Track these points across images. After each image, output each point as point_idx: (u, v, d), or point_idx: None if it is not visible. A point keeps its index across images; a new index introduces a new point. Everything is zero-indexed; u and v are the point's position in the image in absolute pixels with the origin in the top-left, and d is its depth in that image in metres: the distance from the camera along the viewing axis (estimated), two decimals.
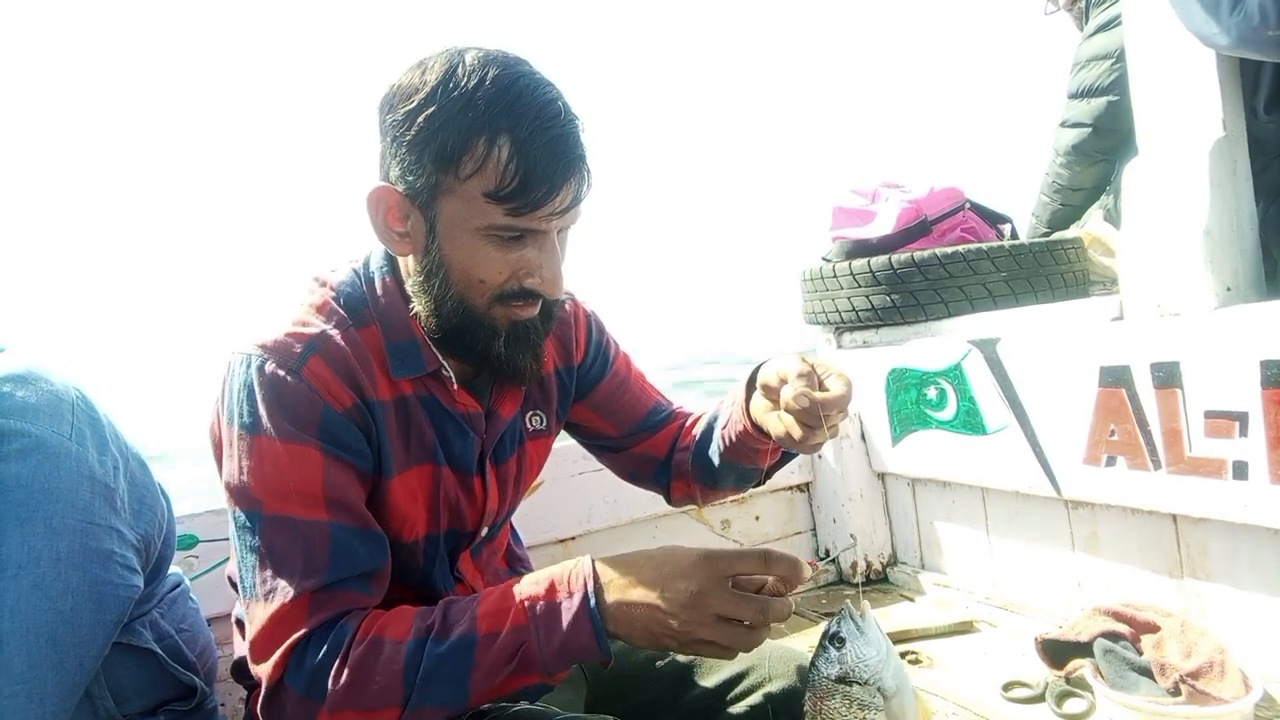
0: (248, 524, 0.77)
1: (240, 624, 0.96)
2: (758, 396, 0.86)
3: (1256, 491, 1.10)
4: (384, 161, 0.80)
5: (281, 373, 0.78)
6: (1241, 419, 1.11)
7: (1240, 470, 1.12)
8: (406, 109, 0.76)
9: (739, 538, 1.83)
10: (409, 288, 0.84)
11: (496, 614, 0.73)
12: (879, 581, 1.83)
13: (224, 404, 0.80)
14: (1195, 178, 1.25)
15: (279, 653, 0.73)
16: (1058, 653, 1.24)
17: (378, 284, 0.86)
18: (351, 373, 0.81)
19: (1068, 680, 1.22)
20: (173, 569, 1.07)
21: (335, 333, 0.82)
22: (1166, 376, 1.19)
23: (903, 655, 1.43)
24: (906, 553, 1.83)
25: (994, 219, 2.03)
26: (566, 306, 1.01)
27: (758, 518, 1.86)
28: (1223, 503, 1.15)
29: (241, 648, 0.96)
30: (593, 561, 0.75)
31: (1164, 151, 1.30)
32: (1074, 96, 2.11)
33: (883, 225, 1.90)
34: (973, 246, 1.74)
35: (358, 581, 0.78)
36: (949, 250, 1.71)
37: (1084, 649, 1.20)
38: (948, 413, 1.59)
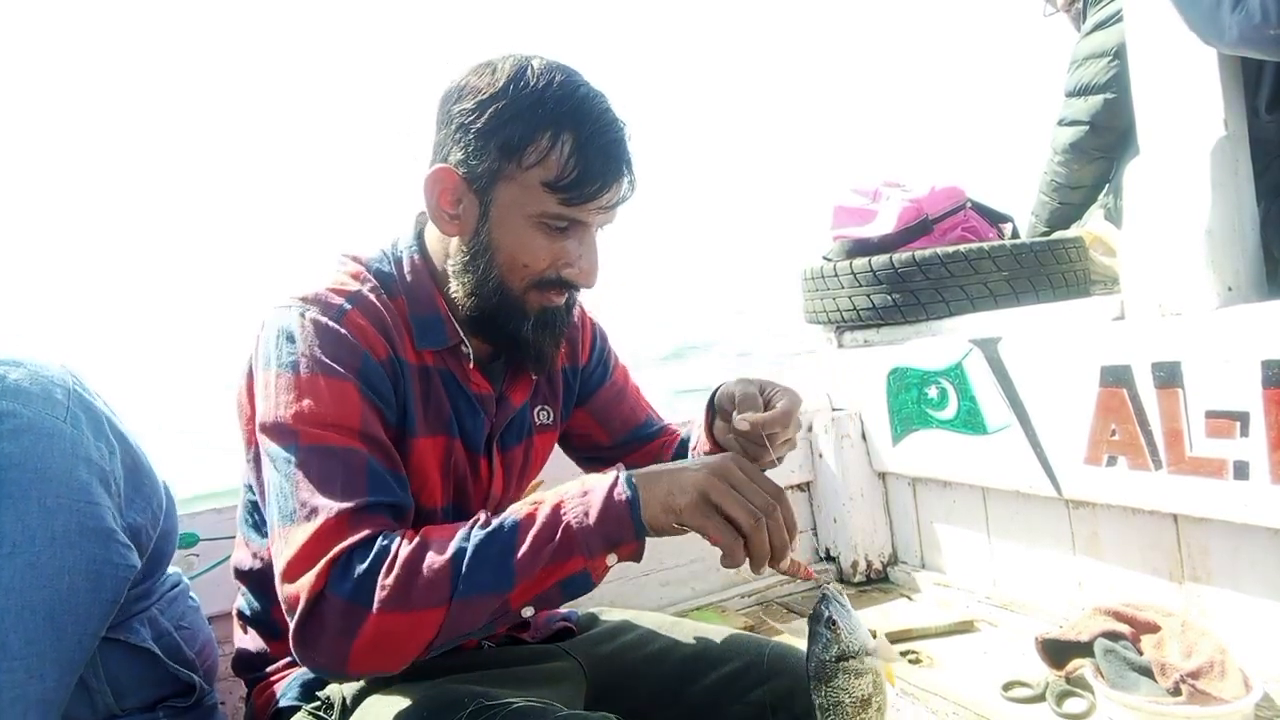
0: (285, 455, 0.77)
1: (243, 616, 0.97)
2: (718, 419, 0.92)
3: (1257, 491, 1.10)
4: (443, 148, 0.85)
5: (324, 319, 0.82)
6: (1242, 419, 1.11)
7: (1241, 470, 1.12)
8: (477, 100, 0.82)
9: None
10: (449, 266, 0.88)
11: (535, 504, 0.77)
12: (879, 581, 1.83)
13: (259, 354, 0.83)
14: (1196, 177, 1.25)
15: (321, 564, 0.72)
16: (1058, 652, 1.24)
17: (405, 262, 0.91)
18: (386, 329, 0.85)
19: (1068, 680, 1.22)
20: (172, 568, 1.07)
21: (370, 294, 0.87)
22: (1167, 376, 1.19)
23: (903, 654, 1.43)
24: (907, 552, 1.83)
25: (995, 218, 2.03)
26: (575, 311, 1.03)
27: None
28: (1223, 503, 1.15)
29: (243, 641, 0.97)
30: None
31: (1165, 151, 1.30)
32: (1071, 94, 2.11)
33: (884, 224, 1.90)
34: (974, 246, 1.74)
35: (391, 510, 0.79)
36: (950, 249, 1.71)
37: (1084, 649, 1.20)
38: (948, 412, 1.59)
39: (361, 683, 0.87)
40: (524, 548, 0.73)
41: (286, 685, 0.91)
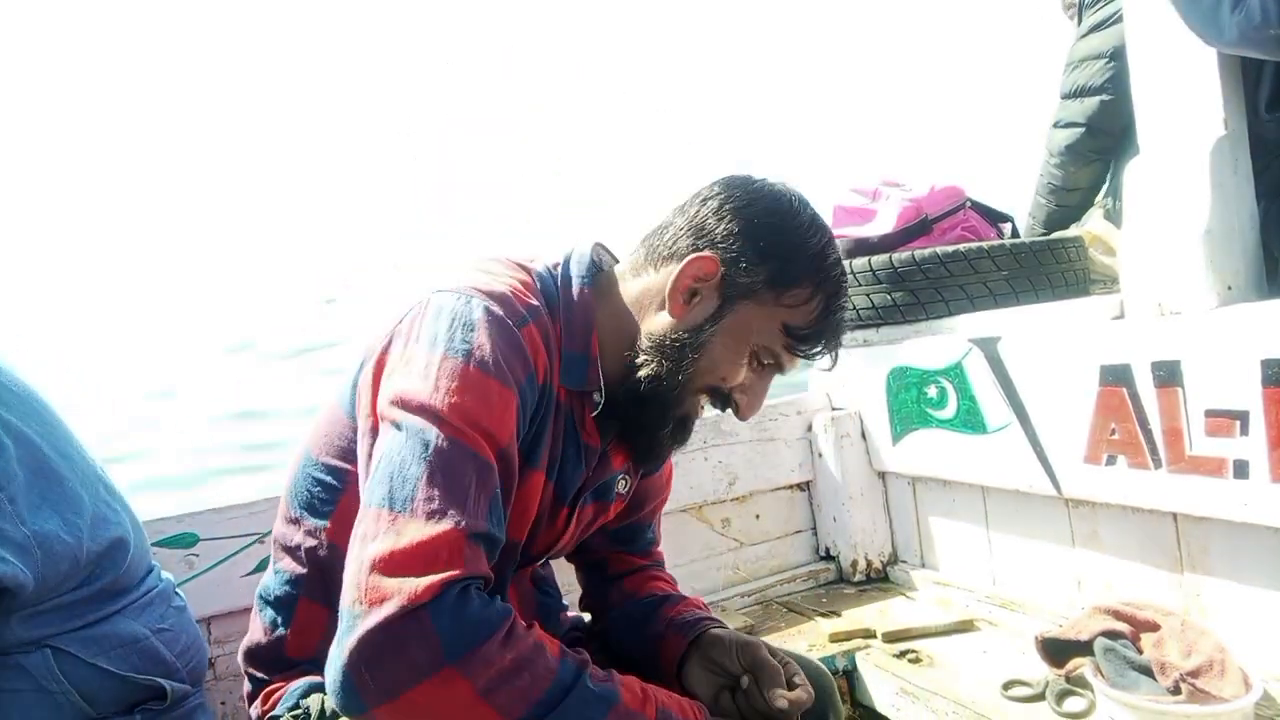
0: (423, 437, 0.71)
1: (271, 601, 0.92)
2: (701, 665, 0.93)
3: (1257, 490, 1.10)
4: (708, 231, 0.86)
5: (509, 322, 0.79)
6: (1242, 418, 1.11)
7: (1241, 469, 1.12)
8: (770, 220, 0.86)
9: (739, 536, 1.83)
10: (647, 339, 0.87)
11: (635, 692, 0.74)
12: (879, 580, 1.83)
13: (421, 332, 0.78)
14: (1196, 177, 1.25)
15: (434, 578, 0.64)
16: (1058, 651, 1.24)
17: (575, 289, 0.89)
18: (550, 352, 0.84)
19: (1068, 679, 1.22)
20: (166, 574, 1.07)
21: (543, 313, 0.85)
22: (1167, 375, 1.19)
23: (902, 654, 1.43)
24: (906, 551, 1.83)
25: (995, 218, 2.03)
26: None
27: (758, 516, 1.86)
28: (1223, 502, 1.15)
29: (259, 634, 0.93)
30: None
31: (1165, 150, 1.30)
32: (1067, 96, 2.11)
33: (883, 224, 1.90)
34: (973, 245, 1.74)
35: (494, 547, 0.73)
36: (950, 249, 1.71)
37: (1084, 648, 1.20)
38: (948, 411, 1.59)
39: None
40: None
41: (290, 692, 0.90)
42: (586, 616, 1.16)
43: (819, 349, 0.89)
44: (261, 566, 1.31)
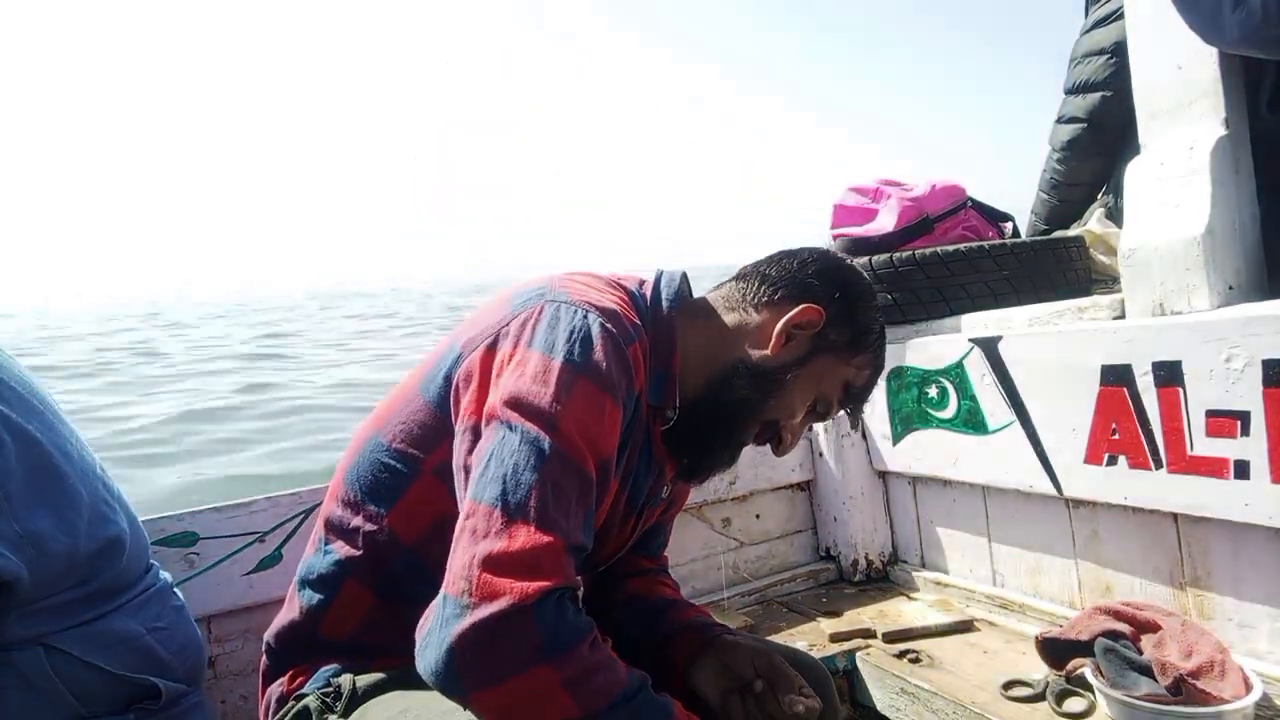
0: (538, 445, 0.75)
1: (313, 581, 0.93)
2: (712, 667, 0.96)
3: (1258, 491, 1.10)
4: (810, 290, 0.97)
5: (619, 339, 0.83)
6: (1243, 418, 1.11)
7: (1242, 470, 1.12)
8: (860, 296, 0.99)
9: (739, 535, 1.83)
10: (740, 359, 0.95)
11: (683, 713, 0.79)
12: (879, 580, 1.83)
13: (536, 338, 0.82)
14: (1197, 176, 1.24)
15: (542, 583, 0.70)
16: (1058, 652, 1.24)
17: (664, 310, 0.96)
18: (645, 369, 0.88)
19: (1068, 679, 1.22)
20: (163, 573, 1.07)
21: (644, 332, 0.90)
22: (1168, 375, 1.19)
23: (903, 654, 1.43)
24: (907, 551, 1.83)
25: (996, 217, 2.02)
26: None
27: (758, 516, 1.86)
28: (1224, 502, 1.15)
29: (295, 613, 0.94)
30: None
31: (1166, 149, 1.30)
32: (1070, 92, 2.11)
33: (884, 223, 1.89)
34: (974, 245, 1.73)
35: (581, 556, 0.78)
36: (950, 248, 1.71)
37: (1084, 648, 1.20)
38: (949, 411, 1.59)
39: (376, 675, 0.87)
40: None
41: (320, 672, 0.91)
42: None
43: (855, 407, 1.03)
44: (263, 565, 1.31)
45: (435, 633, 0.70)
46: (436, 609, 0.72)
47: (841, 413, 1.04)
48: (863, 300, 0.99)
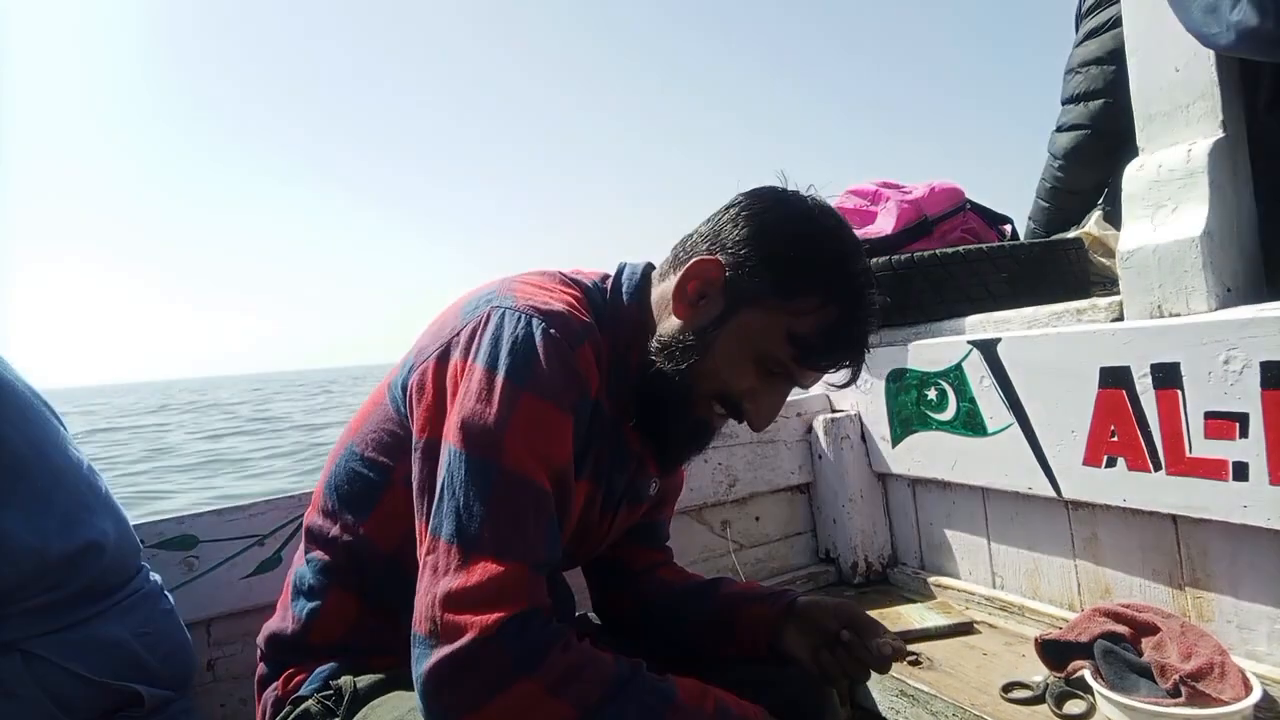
0: (484, 470, 0.75)
1: (304, 590, 0.93)
2: (798, 630, 0.97)
3: (1257, 493, 1.10)
4: (721, 237, 0.86)
5: (565, 343, 0.80)
6: (1242, 420, 1.11)
7: (1240, 471, 1.12)
8: (782, 229, 0.84)
9: (738, 538, 1.83)
10: (659, 336, 0.88)
11: (692, 689, 0.78)
12: (879, 582, 1.83)
13: (479, 348, 0.80)
14: (1195, 179, 1.25)
15: (503, 612, 0.71)
16: (1057, 654, 1.24)
17: (623, 303, 0.91)
18: (600, 367, 0.85)
19: (1067, 681, 1.22)
20: (154, 576, 1.06)
21: (595, 330, 0.86)
22: (1166, 377, 1.19)
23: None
24: (906, 554, 1.83)
25: (995, 219, 2.03)
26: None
27: (757, 518, 1.86)
28: (1223, 504, 1.15)
29: (288, 620, 0.94)
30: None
31: (1164, 152, 1.30)
32: (1068, 101, 2.12)
33: (883, 225, 1.90)
34: (973, 247, 1.74)
35: (550, 569, 0.78)
36: (949, 250, 1.71)
37: (1084, 650, 1.20)
38: (948, 414, 1.59)
39: (376, 675, 0.87)
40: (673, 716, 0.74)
41: (316, 674, 0.91)
42: (593, 618, 1.16)
43: (828, 360, 0.86)
44: (262, 568, 1.31)
45: (414, 671, 0.72)
46: (411, 647, 0.73)
47: (840, 372, 0.90)
48: (789, 235, 0.84)
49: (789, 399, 0.95)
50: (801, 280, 0.83)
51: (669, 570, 1.14)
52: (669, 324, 0.88)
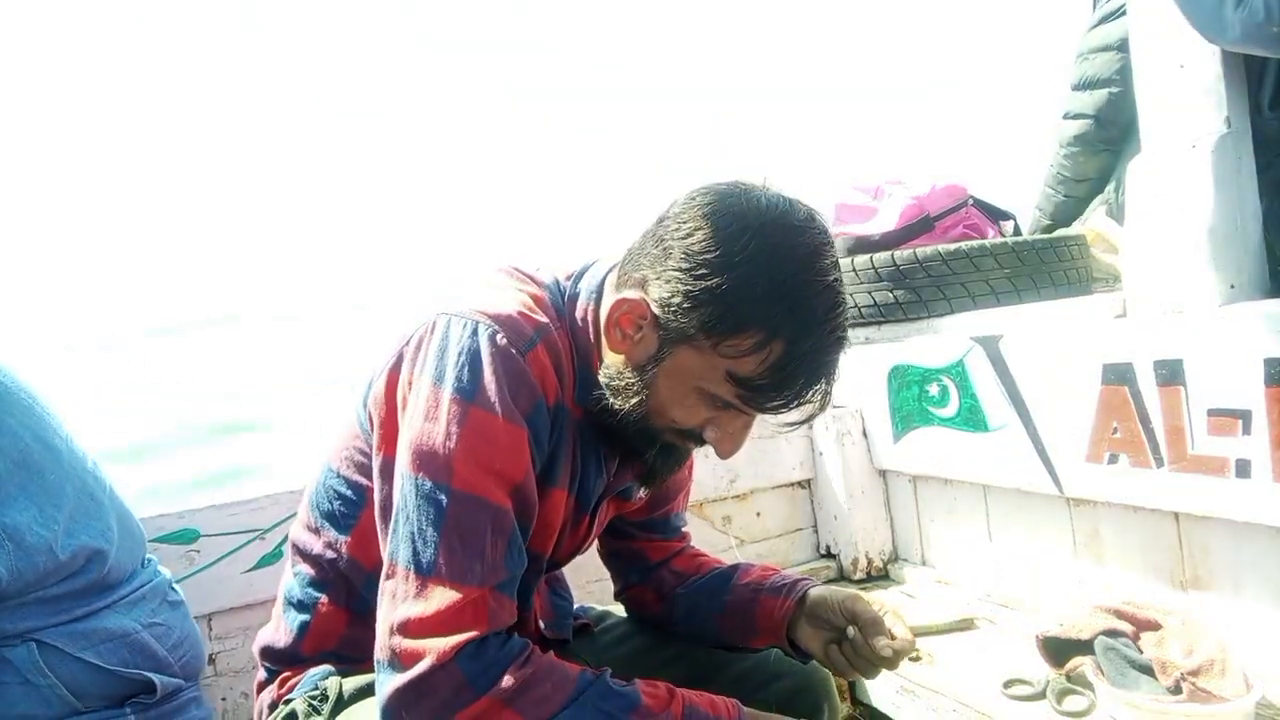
0: (435, 493, 0.73)
1: (294, 603, 0.93)
2: (809, 623, 0.96)
3: (1259, 490, 1.10)
4: (646, 268, 0.78)
5: (513, 350, 0.76)
6: (1244, 417, 1.11)
7: (1243, 469, 1.12)
8: (707, 260, 0.73)
9: (740, 534, 1.83)
10: (604, 371, 0.82)
11: (659, 693, 0.77)
12: (879, 579, 1.83)
13: (426, 362, 0.77)
14: (1199, 175, 1.24)
15: (459, 637, 0.71)
16: (1058, 650, 1.24)
17: (581, 308, 0.86)
18: (560, 373, 0.82)
19: (1068, 678, 1.22)
20: (162, 570, 1.07)
21: (553, 329, 0.82)
22: (1169, 374, 1.19)
23: None
24: (907, 550, 1.83)
25: (997, 215, 2.03)
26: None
27: (759, 514, 1.86)
28: (1225, 501, 1.14)
29: (280, 632, 0.94)
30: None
31: (1167, 148, 1.30)
32: (1077, 88, 2.11)
33: (885, 221, 1.90)
34: (975, 243, 1.73)
35: (512, 584, 0.78)
36: (952, 246, 1.71)
37: (1085, 646, 1.20)
38: (949, 410, 1.59)
39: (364, 678, 0.87)
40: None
41: (309, 676, 0.91)
42: (620, 610, 1.16)
43: (778, 401, 0.76)
44: (263, 562, 1.31)
45: (377, 695, 0.74)
46: (375, 672, 0.74)
47: (801, 409, 0.79)
48: (715, 265, 0.73)
49: None
50: (733, 318, 0.73)
51: (684, 560, 1.12)
52: (611, 357, 0.82)
